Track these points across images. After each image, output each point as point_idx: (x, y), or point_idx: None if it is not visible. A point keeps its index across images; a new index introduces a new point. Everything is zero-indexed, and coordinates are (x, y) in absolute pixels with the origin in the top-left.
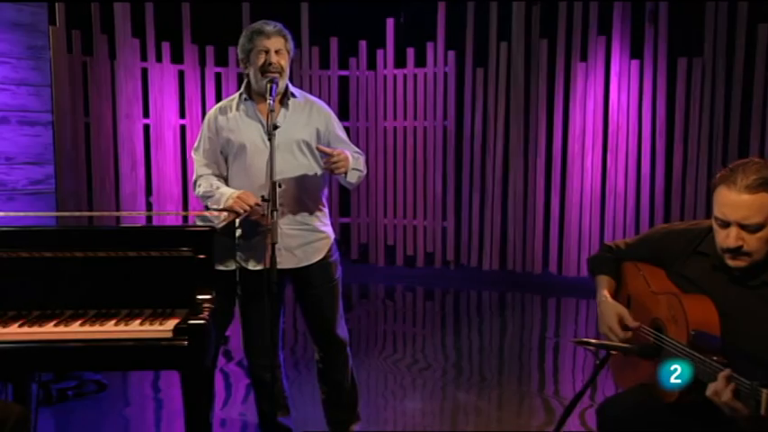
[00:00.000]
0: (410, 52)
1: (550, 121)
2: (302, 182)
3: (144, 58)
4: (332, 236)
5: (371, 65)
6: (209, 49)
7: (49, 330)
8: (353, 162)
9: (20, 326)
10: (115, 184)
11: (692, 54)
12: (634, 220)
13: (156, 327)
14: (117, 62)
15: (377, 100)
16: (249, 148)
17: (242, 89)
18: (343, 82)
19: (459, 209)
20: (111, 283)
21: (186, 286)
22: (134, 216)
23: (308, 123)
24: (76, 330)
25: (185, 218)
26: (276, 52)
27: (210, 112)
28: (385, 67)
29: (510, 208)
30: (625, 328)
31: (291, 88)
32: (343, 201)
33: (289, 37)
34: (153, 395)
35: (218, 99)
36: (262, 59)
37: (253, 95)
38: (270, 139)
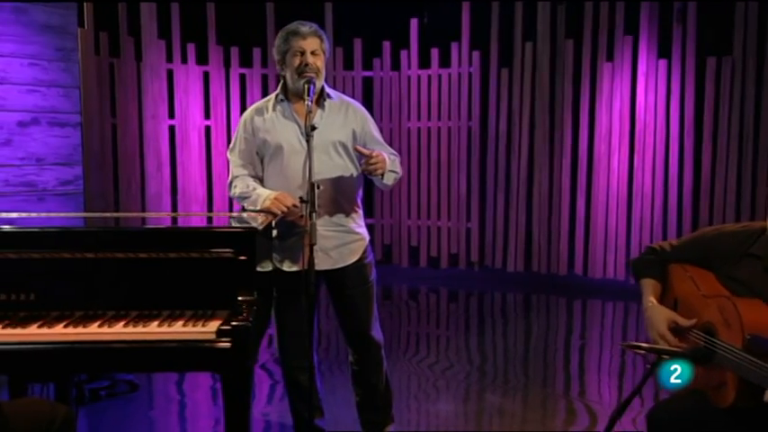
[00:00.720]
0: (434, 53)
1: (576, 122)
2: (338, 183)
3: (170, 59)
4: (367, 237)
5: (395, 65)
6: (234, 50)
7: (94, 331)
8: (390, 164)
9: (65, 326)
10: (141, 184)
11: (721, 53)
12: (661, 221)
13: (199, 328)
14: (143, 63)
15: (401, 101)
16: (286, 148)
17: (278, 90)
18: (367, 83)
19: (484, 209)
20: (152, 284)
21: (227, 288)
22: (160, 217)
23: (344, 124)
24: (121, 331)
25: (210, 219)
26: (312, 53)
27: (246, 113)
28: (409, 67)
29: (535, 209)
30: (676, 331)
31: (327, 89)
32: (367, 202)
33: (324, 37)
34: (185, 395)
35: (243, 100)
36: (298, 61)
37: (289, 96)
38: (308, 140)
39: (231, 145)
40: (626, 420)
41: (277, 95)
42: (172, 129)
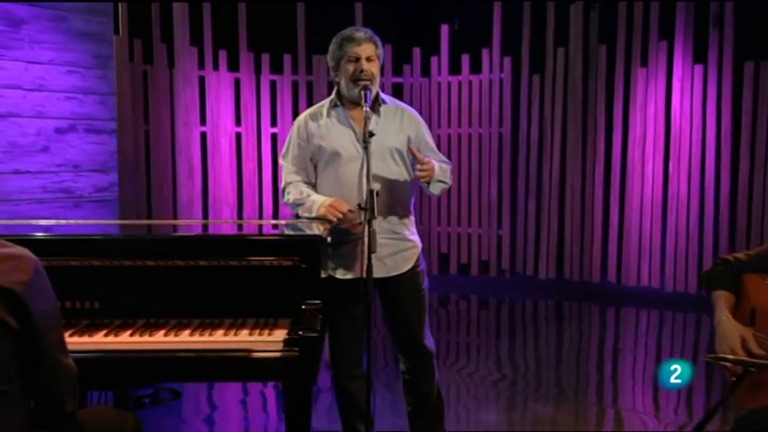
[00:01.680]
0: (465, 59)
1: (609, 128)
2: (394, 189)
3: (201, 66)
4: (420, 245)
5: (425, 72)
6: (265, 57)
7: (160, 340)
8: (440, 173)
9: (131, 335)
10: (173, 191)
11: (759, 58)
12: (697, 228)
13: (265, 337)
14: (175, 70)
15: (431, 107)
16: (342, 155)
17: (333, 95)
18: (397, 89)
19: (515, 216)
20: (214, 292)
21: (292, 296)
22: (192, 224)
23: (399, 130)
24: (187, 340)
25: (240, 226)
26: (367, 59)
27: (300, 119)
28: (439, 73)
29: (567, 215)
30: (749, 352)
31: (381, 95)
32: None
33: (379, 43)
34: (228, 404)
35: (273, 107)
36: (352, 67)
37: (343, 102)
38: (365, 147)
39: (283, 151)
40: None
41: (331, 101)
42: (203, 135)
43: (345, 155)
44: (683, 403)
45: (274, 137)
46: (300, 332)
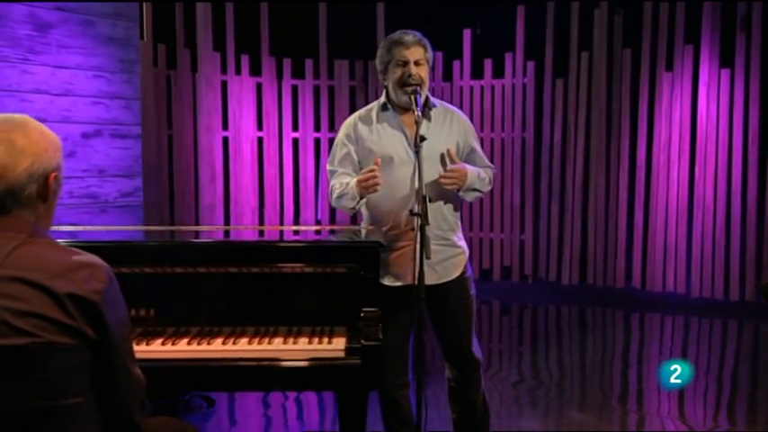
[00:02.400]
0: (488, 63)
1: (634, 133)
2: (444, 195)
3: (224, 70)
4: (467, 251)
5: (447, 76)
6: (287, 62)
7: (219, 348)
8: (474, 181)
9: (189, 343)
10: (195, 195)
11: None
12: (724, 233)
13: (326, 345)
14: (198, 75)
15: None
16: (395, 159)
17: (382, 99)
18: None
19: (538, 221)
20: (270, 299)
21: (349, 303)
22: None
23: (449, 135)
24: (247, 348)
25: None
26: (415, 63)
27: (349, 121)
28: (461, 78)
29: (590, 220)
30: None
31: (431, 98)
32: None
33: (428, 46)
34: (261, 412)
35: (295, 112)
36: (400, 72)
37: (393, 106)
38: (417, 152)
39: (330, 156)
40: None
41: (382, 104)
42: (225, 140)
43: (397, 159)
44: (712, 409)
45: (296, 141)
46: (363, 341)
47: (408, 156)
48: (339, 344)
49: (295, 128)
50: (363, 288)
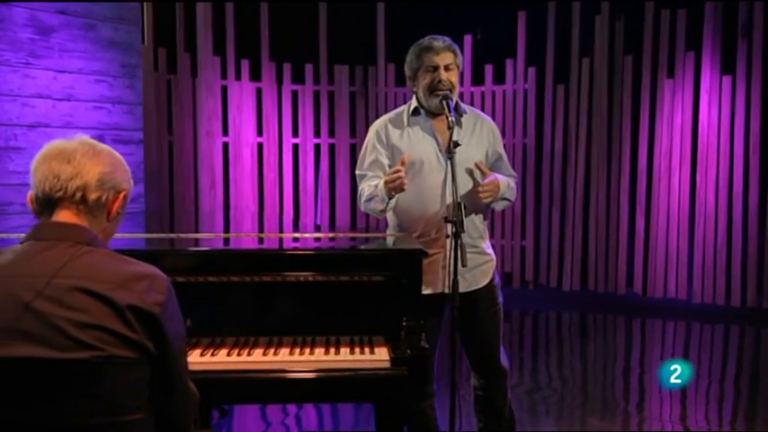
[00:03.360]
0: (488, 69)
1: (635, 139)
2: (474, 202)
3: (224, 75)
4: (495, 258)
5: None
6: (287, 67)
7: (259, 360)
8: (505, 191)
9: (228, 354)
10: (195, 201)
11: None
12: (725, 240)
13: (369, 356)
14: (198, 80)
15: None
16: (425, 165)
17: (413, 103)
18: None
19: (539, 227)
20: (307, 308)
21: (390, 312)
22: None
23: (479, 142)
24: (288, 359)
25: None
26: (446, 68)
27: (379, 124)
28: (462, 84)
29: (591, 226)
30: None
31: (461, 104)
32: None
33: (458, 52)
34: (278, 421)
35: (295, 117)
36: (429, 78)
37: (424, 111)
38: (450, 158)
39: (359, 160)
40: None
41: (413, 109)
42: (225, 146)
43: (428, 165)
44: (716, 413)
45: (296, 147)
46: (409, 351)
47: (439, 161)
48: (382, 354)
49: (295, 133)
50: (406, 296)
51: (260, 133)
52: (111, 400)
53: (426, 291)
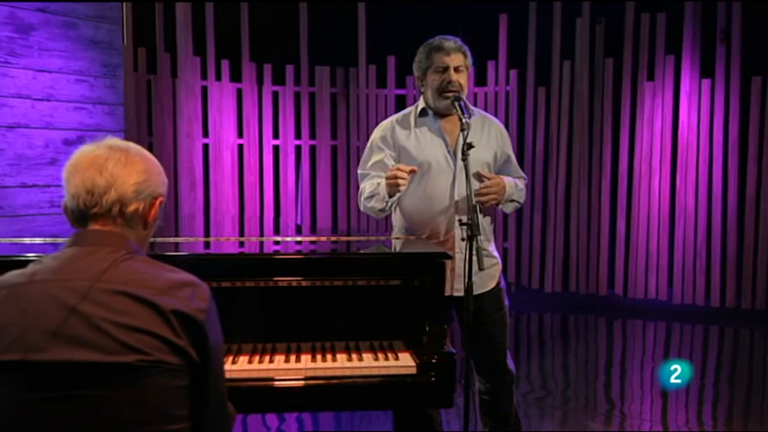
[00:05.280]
0: (470, 71)
1: (616, 141)
2: (483, 205)
3: (204, 76)
4: (500, 261)
5: None
6: (267, 68)
7: (282, 367)
8: (513, 192)
9: (249, 361)
10: (175, 204)
11: (766, 73)
12: (705, 241)
13: (394, 362)
14: (178, 80)
15: None
16: (433, 167)
17: (420, 104)
18: (400, 101)
19: (521, 229)
20: (326, 313)
21: (411, 316)
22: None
23: (488, 144)
24: (311, 366)
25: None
26: (456, 69)
27: (385, 125)
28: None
29: (572, 228)
30: None
31: (469, 105)
32: None
33: (469, 54)
34: (272, 429)
35: (275, 118)
36: (439, 78)
37: (432, 112)
38: (464, 159)
39: (362, 160)
40: None
41: (420, 110)
42: (205, 147)
43: (436, 167)
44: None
45: (276, 149)
46: (436, 357)
47: (448, 163)
48: (407, 360)
49: (276, 135)
50: (429, 301)
51: (240, 135)
52: (154, 408)
53: None
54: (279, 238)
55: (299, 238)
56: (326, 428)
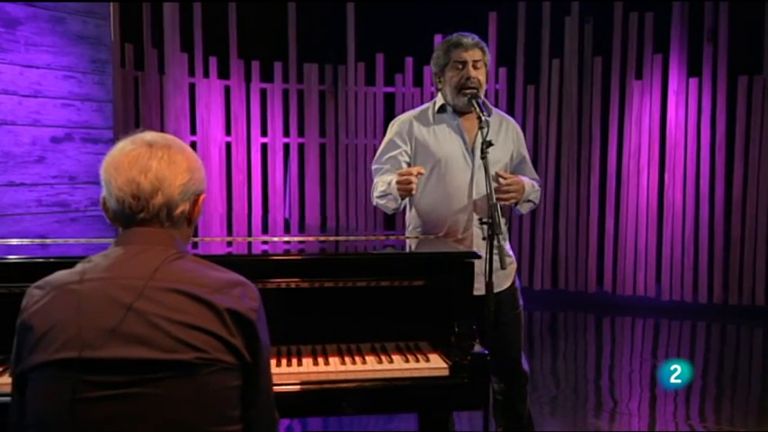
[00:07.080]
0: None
1: (604, 139)
2: (499, 203)
3: (191, 73)
4: (515, 261)
5: (418, 81)
6: (255, 65)
7: (311, 370)
8: (530, 192)
9: (277, 364)
10: None
11: (752, 72)
12: (693, 238)
13: (425, 364)
14: (166, 77)
15: None
16: (451, 164)
17: (438, 101)
18: (389, 99)
19: (510, 226)
20: (352, 315)
21: (439, 316)
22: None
23: (505, 143)
24: (340, 369)
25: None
26: (474, 65)
27: (403, 119)
28: (432, 83)
29: (561, 226)
30: None
31: (488, 103)
32: (388, 219)
33: (487, 50)
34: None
35: (264, 116)
36: (458, 75)
37: (449, 109)
38: (484, 157)
39: (377, 154)
40: None
41: (439, 106)
42: (193, 145)
43: (454, 164)
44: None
45: (264, 147)
46: (468, 358)
47: (466, 161)
48: (437, 361)
49: (264, 133)
50: (458, 301)
51: (228, 132)
52: (211, 408)
53: None
54: (288, 238)
55: (301, 238)
56: (327, 429)
